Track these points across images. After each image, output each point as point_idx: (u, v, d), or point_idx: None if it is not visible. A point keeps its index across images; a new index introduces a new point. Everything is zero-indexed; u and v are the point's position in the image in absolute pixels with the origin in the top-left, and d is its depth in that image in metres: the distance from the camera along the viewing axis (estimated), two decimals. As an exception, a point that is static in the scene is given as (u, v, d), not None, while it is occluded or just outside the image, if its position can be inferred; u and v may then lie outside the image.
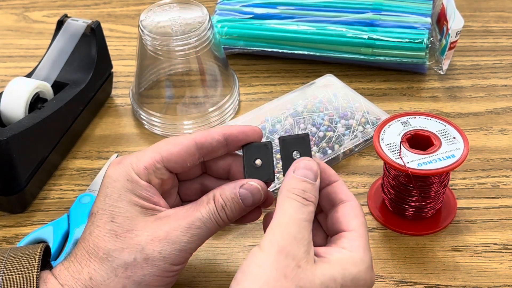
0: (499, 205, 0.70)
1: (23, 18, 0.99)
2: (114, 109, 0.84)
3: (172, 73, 0.81)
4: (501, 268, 0.65)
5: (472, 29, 0.93)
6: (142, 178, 0.54)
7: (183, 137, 0.56)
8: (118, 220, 0.53)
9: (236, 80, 0.83)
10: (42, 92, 0.74)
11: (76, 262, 0.53)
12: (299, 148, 0.57)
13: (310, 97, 0.80)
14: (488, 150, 0.76)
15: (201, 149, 0.56)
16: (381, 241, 0.67)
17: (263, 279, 0.48)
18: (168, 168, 0.56)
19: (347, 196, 0.56)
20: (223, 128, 0.57)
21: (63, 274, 0.53)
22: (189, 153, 0.56)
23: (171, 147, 0.56)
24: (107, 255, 0.52)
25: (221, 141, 0.57)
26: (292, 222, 0.51)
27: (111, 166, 0.55)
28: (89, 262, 0.53)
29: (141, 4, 1.00)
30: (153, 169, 0.55)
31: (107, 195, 0.54)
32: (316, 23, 0.87)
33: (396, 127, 0.67)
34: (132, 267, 0.52)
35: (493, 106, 0.82)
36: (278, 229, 0.51)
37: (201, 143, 0.56)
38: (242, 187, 0.55)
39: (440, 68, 0.85)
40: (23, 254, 0.53)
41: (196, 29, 0.75)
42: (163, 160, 0.55)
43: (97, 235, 0.53)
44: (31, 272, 0.52)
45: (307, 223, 0.52)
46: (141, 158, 0.55)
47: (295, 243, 0.50)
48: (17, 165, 0.69)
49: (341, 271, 0.51)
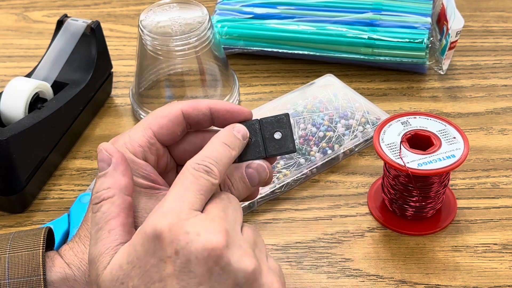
0: (499, 205, 0.70)
1: (23, 18, 0.99)
2: (114, 109, 0.84)
3: (172, 73, 0.81)
4: (501, 268, 0.64)
5: (472, 29, 0.93)
6: (138, 157, 0.54)
7: (170, 107, 0.55)
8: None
9: (236, 80, 0.83)
10: (42, 92, 0.74)
11: (80, 242, 0.54)
12: (280, 128, 0.55)
13: (310, 97, 0.80)
14: (488, 150, 0.76)
15: (188, 119, 0.55)
16: (381, 241, 0.67)
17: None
18: (161, 141, 0.55)
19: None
20: (211, 102, 0.56)
21: (69, 254, 0.54)
22: (177, 123, 0.55)
23: (160, 120, 0.55)
24: None
25: (207, 115, 0.55)
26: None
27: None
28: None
29: (141, 4, 1.00)
30: (147, 145, 0.54)
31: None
32: (316, 23, 0.87)
33: (396, 127, 0.67)
34: None
35: (493, 106, 0.82)
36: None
37: (188, 113, 0.55)
38: (248, 166, 0.54)
39: (440, 68, 0.85)
40: (28, 235, 0.54)
41: (196, 29, 0.75)
42: (155, 135, 0.55)
43: None
44: (37, 249, 0.53)
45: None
46: (133, 137, 0.54)
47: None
48: (17, 165, 0.69)
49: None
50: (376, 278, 0.64)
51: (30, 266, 0.52)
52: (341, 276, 0.64)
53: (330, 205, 0.71)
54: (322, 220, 0.70)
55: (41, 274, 0.52)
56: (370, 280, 0.64)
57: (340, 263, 0.66)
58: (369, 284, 0.64)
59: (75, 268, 0.53)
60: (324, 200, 0.72)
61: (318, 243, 0.68)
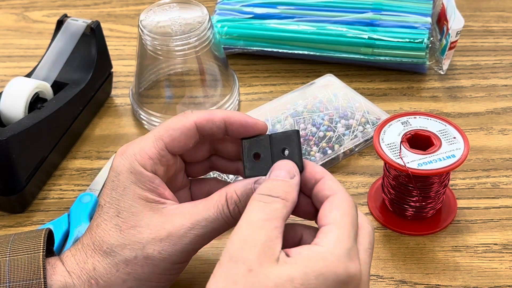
0: (499, 205, 0.70)
1: (22, 18, 0.99)
2: (114, 109, 0.84)
3: (172, 73, 0.81)
4: (501, 268, 0.64)
5: (472, 29, 0.93)
6: (148, 169, 0.54)
7: (184, 119, 0.55)
8: (123, 215, 0.53)
9: (236, 80, 0.83)
10: (42, 92, 0.74)
11: (82, 251, 0.54)
12: (288, 145, 0.55)
13: (310, 97, 0.80)
14: (488, 150, 0.76)
15: (202, 131, 0.55)
16: (381, 241, 0.67)
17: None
18: (172, 152, 0.55)
19: (333, 189, 0.52)
20: (226, 114, 0.55)
21: (70, 261, 0.54)
22: (190, 136, 0.55)
23: (172, 133, 0.55)
24: (110, 250, 0.53)
25: (221, 128, 0.55)
26: (245, 225, 0.49)
27: (116, 156, 0.55)
28: (94, 253, 0.53)
29: (141, 4, 1.00)
30: (158, 158, 0.54)
31: (112, 189, 0.54)
32: (316, 23, 0.87)
33: (396, 127, 0.67)
34: (133, 264, 0.52)
35: (493, 106, 0.82)
36: (233, 236, 0.48)
37: (202, 126, 0.55)
38: (257, 182, 0.53)
39: (440, 68, 0.85)
40: (28, 237, 0.54)
41: (196, 29, 0.75)
42: (167, 147, 0.55)
43: (103, 228, 0.54)
44: (37, 252, 0.53)
45: (266, 222, 0.48)
46: (144, 148, 0.54)
47: (246, 247, 0.47)
48: (16, 165, 0.69)
49: (303, 270, 0.47)
50: (376, 278, 0.64)
51: (31, 269, 0.52)
52: (341, 276, 0.64)
53: (330, 205, 0.71)
54: (322, 220, 0.70)
55: (41, 277, 0.52)
56: (370, 280, 0.64)
57: (340, 263, 0.66)
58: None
59: (76, 277, 0.53)
60: (324, 200, 0.72)
61: (318, 243, 0.67)
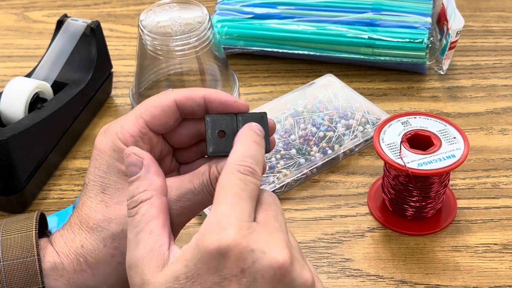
0: (500, 205, 0.70)
1: (23, 18, 0.99)
2: (114, 109, 0.84)
3: (172, 73, 0.81)
4: (501, 268, 0.64)
5: (472, 29, 0.93)
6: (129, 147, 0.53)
7: (163, 97, 0.54)
8: (109, 191, 0.53)
9: (236, 80, 0.83)
10: (42, 92, 0.74)
11: (70, 230, 0.54)
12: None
13: (310, 97, 0.80)
14: (488, 150, 0.76)
15: (182, 109, 0.54)
16: (381, 241, 0.67)
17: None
18: (153, 130, 0.54)
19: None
20: (206, 92, 0.54)
21: (58, 241, 0.54)
22: (170, 113, 0.54)
23: (152, 110, 0.54)
24: (96, 226, 0.53)
25: (202, 105, 0.54)
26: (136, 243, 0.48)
27: (99, 135, 0.55)
28: (81, 230, 0.53)
29: (141, 4, 1.00)
30: (139, 135, 0.54)
31: (96, 167, 0.54)
32: (316, 23, 0.87)
33: (396, 127, 0.67)
34: (120, 238, 0.52)
35: (493, 106, 0.82)
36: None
37: (182, 103, 0.54)
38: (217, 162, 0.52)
39: (440, 68, 0.85)
40: (20, 219, 0.55)
41: (196, 29, 0.75)
42: (147, 124, 0.54)
43: (89, 205, 0.54)
44: (30, 231, 0.53)
45: (146, 234, 0.47)
46: (125, 126, 0.54)
47: (139, 262, 0.47)
48: (17, 165, 0.69)
49: (184, 263, 0.44)
50: (376, 278, 0.64)
51: (24, 247, 0.52)
52: (341, 276, 0.64)
53: (330, 205, 0.71)
54: (322, 220, 0.70)
55: (35, 255, 0.52)
56: (370, 280, 0.64)
57: (340, 263, 0.66)
58: (369, 284, 0.64)
59: (64, 256, 0.53)
60: (324, 200, 0.72)
61: (318, 243, 0.68)
